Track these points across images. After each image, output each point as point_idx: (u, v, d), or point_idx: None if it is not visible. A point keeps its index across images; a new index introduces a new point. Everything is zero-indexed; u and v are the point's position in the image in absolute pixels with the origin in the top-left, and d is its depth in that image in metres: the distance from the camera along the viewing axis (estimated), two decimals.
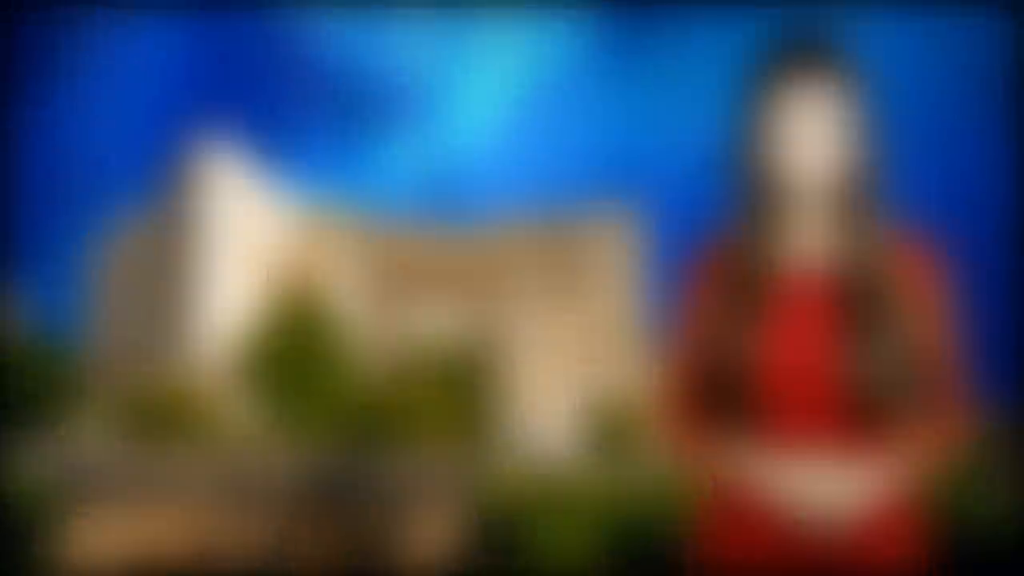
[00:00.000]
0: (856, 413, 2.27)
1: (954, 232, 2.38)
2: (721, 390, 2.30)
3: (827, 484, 2.26)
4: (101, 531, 5.26)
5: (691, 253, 2.39)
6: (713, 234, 2.38)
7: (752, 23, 2.46)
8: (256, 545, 5.24)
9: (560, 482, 5.74)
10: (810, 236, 2.33)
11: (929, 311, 2.33)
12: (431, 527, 5.08)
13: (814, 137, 2.31)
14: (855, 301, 2.30)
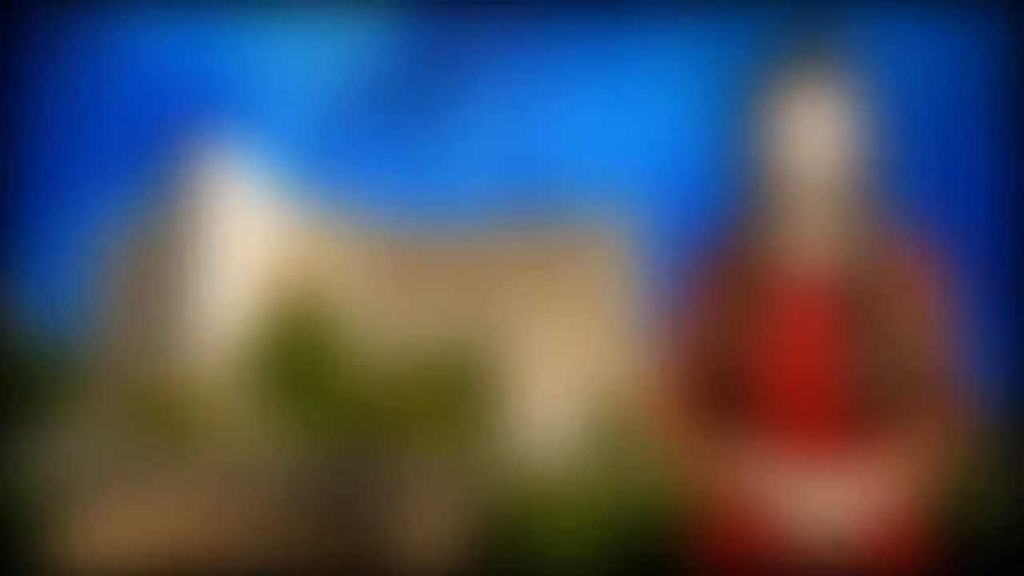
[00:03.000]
0: (857, 415, 2.27)
1: (955, 233, 2.38)
2: (721, 391, 2.30)
3: (827, 487, 2.25)
4: (101, 530, 5.26)
5: (691, 253, 2.39)
6: (713, 234, 2.37)
7: (748, 22, 2.45)
8: (256, 545, 5.24)
9: (560, 483, 5.72)
10: (811, 236, 2.33)
11: (930, 312, 2.32)
12: (430, 527, 5.08)
13: (814, 136, 2.30)
14: (856, 302, 2.29)
